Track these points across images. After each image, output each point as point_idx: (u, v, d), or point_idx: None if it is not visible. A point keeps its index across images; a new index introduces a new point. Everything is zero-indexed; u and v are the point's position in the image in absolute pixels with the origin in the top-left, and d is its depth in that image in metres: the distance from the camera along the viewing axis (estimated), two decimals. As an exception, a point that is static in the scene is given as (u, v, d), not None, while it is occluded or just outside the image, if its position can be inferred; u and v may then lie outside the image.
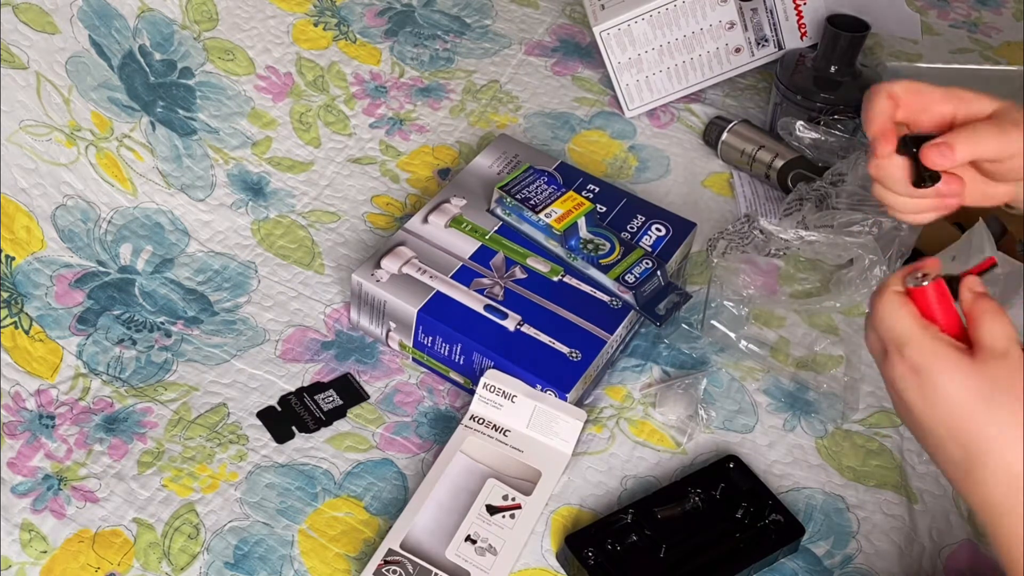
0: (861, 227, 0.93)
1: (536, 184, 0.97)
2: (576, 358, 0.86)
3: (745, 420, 0.90)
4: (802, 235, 0.93)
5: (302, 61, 1.17)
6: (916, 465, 0.87)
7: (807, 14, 1.14)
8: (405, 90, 1.20)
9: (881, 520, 0.83)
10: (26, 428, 0.84)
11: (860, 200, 0.97)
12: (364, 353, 0.93)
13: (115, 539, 0.78)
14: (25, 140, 0.94)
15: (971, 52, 1.34)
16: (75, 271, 0.93)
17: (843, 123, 1.09)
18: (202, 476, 0.82)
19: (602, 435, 0.87)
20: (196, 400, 0.88)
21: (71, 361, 0.88)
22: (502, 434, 0.85)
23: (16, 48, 0.96)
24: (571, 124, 1.18)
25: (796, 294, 0.94)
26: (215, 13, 1.13)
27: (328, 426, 0.87)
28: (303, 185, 1.08)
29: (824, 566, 0.80)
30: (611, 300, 0.91)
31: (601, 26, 1.14)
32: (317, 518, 0.80)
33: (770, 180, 1.11)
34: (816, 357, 0.92)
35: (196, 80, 1.09)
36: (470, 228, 0.96)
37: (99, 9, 1.04)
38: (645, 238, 0.96)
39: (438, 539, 0.78)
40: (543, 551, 0.79)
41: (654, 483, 0.84)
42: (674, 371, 0.93)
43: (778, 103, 1.14)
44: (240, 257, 1.00)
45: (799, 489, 0.85)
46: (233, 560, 0.77)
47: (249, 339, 0.94)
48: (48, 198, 0.94)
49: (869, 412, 0.91)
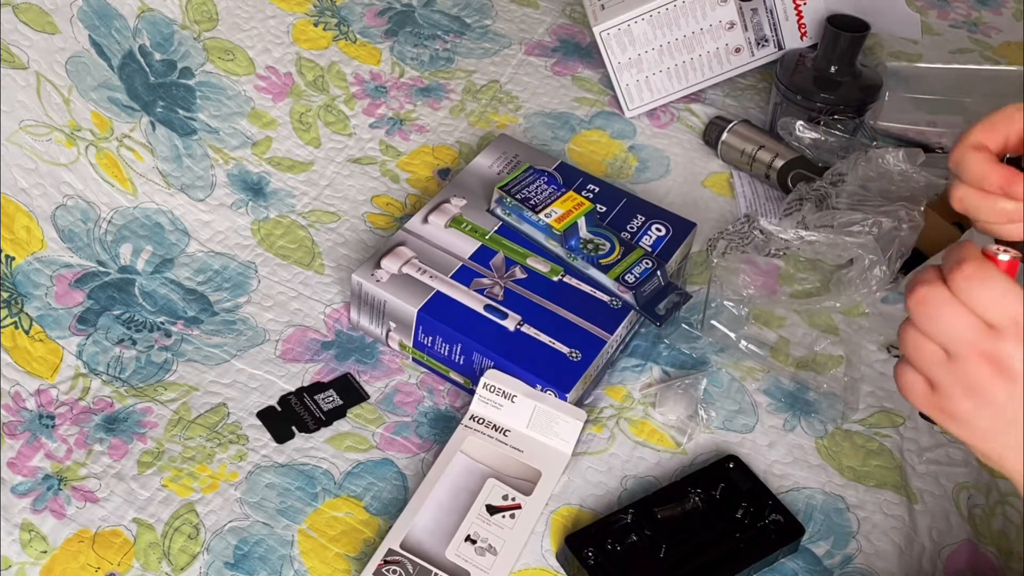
0: (861, 227, 0.93)
1: (536, 184, 0.97)
2: (576, 358, 0.86)
3: (745, 420, 0.90)
4: (802, 235, 0.93)
5: (302, 61, 1.17)
6: (916, 465, 0.87)
7: (807, 14, 1.14)
8: (405, 90, 1.20)
9: (881, 520, 0.83)
10: (26, 428, 0.84)
11: (860, 200, 0.97)
12: (364, 353, 0.93)
13: (115, 539, 0.78)
14: (25, 140, 0.94)
15: (971, 52, 1.34)
16: (75, 271, 0.93)
17: (843, 123, 1.09)
18: (202, 476, 0.82)
19: (602, 435, 0.87)
20: (196, 400, 0.88)
21: (71, 361, 0.88)
22: (502, 434, 0.85)
23: (16, 48, 0.96)
24: (571, 124, 1.18)
25: (796, 294, 0.94)
26: (215, 13, 1.13)
27: (328, 426, 0.87)
28: (303, 185, 1.08)
29: (824, 566, 0.80)
30: (611, 300, 0.91)
31: (601, 26, 1.14)
32: (317, 518, 0.80)
33: (770, 180, 1.11)
34: (816, 357, 0.92)
35: (196, 80, 1.09)
36: (470, 228, 0.96)
37: (99, 9, 1.04)
38: (645, 238, 0.96)
39: (438, 539, 0.78)
40: (543, 551, 0.79)
41: (654, 483, 0.84)
42: (674, 371, 0.93)
43: (778, 103, 1.14)
44: (240, 257, 1.00)
45: (799, 489, 0.85)
46: (233, 560, 0.77)
47: (249, 339, 0.94)
48: (48, 198, 0.94)
49: (869, 412, 0.91)
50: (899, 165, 0.99)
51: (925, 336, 0.57)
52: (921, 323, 0.57)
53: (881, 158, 0.99)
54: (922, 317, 0.57)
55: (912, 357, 0.58)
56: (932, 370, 0.57)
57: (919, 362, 0.58)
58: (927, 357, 0.57)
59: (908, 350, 0.58)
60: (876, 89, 1.12)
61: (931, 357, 0.57)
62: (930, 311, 0.56)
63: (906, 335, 0.58)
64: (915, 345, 0.57)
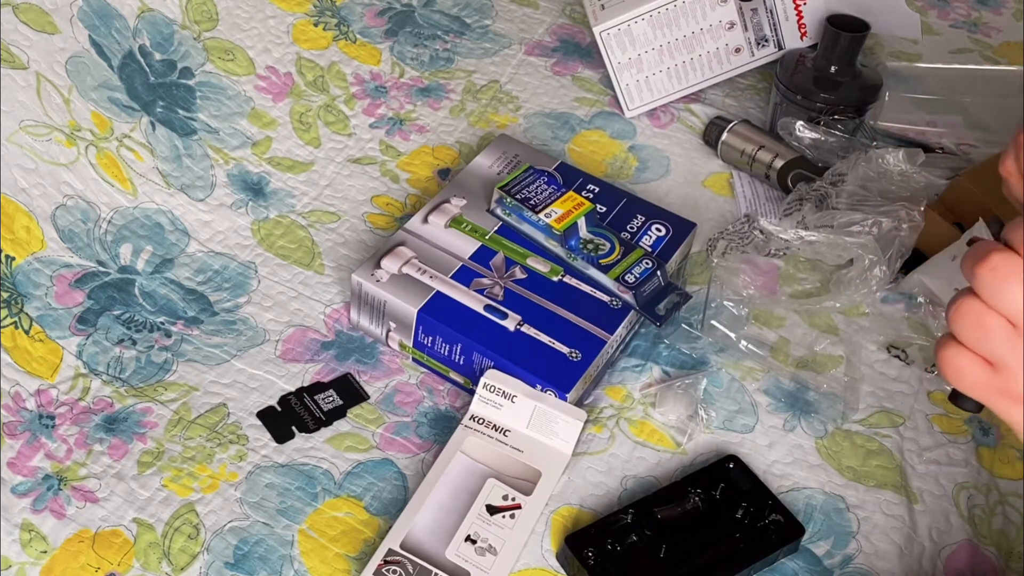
0: (861, 227, 0.93)
1: (536, 184, 0.97)
2: (576, 358, 0.86)
3: (745, 420, 0.90)
4: (802, 235, 0.93)
5: (302, 61, 1.17)
6: (916, 465, 0.87)
7: (807, 14, 1.14)
8: (405, 90, 1.20)
9: (881, 520, 0.83)
10: (26, 428, 0.84)
11: (860, 200, 0.97)
12: (364, 353, 0.93)
13: (115, 539, 0.78)
14: (25, 140, 0.94)
15: (971, 52, 1.34)
16: (75, 271, 0.93)
17: (843, 123, 1.09)
18: (202, 476, 0.82)
19: (602, 435, 0.87)
20: (196, 400, 0.88)
21: (71, 361, 0.88)
22: (502, 434, 0.85)
23: (16, 48, 0.96)
24: (571, 124, 1.18)
25: (796, 294, 0.94)
26: (215, 13, 1.13)
27: (328, 426, 0.87)
28: (303, 185, 1.08)
29: (824, 566, 0.80)
30: (611, 300, 0.91)
31: (601, 26, 1.14)
32: (317, 518, 0.80)
33: (770, 180, 1.11)
34: (816, 357, 0.92)
35: (196, 80, 1.09)
36: (470, 228, 0.96)
37: (99, 9, 1.04)
38: (645, 238, 0.96)
39: (438, 539, 0.78)
40: (543, 551, 0.79)
41: (654, 483, 0.84)
42: (674, 371, 0.93)
43: (778, 103, 1.14)
44: (240, 257, 1.00)
45: (799, 489, 0.85)
46: (233, 560, 0.77)
47: (249, 339, 0.94)
48: (48, 198, 0.94)
49: (869, 412, 0.91)
50: (899, 165, 0.99)
51: (990, 309, 0.52)
52: (989, 293, 0.52)
53: (881, 158, 0.99)
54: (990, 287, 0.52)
55: (971, 335, 0.53)
56: (997, 347, 0.52)
57: (980, 339, 0.53)
58: (992, 331, 0.52)
59: (967, 326, 0.53)
60: (876, 89, 1.12)
61: (998, 331, 0.52)
62: (1000, 281, 0.51)
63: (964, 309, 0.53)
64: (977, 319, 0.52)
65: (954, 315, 0.54)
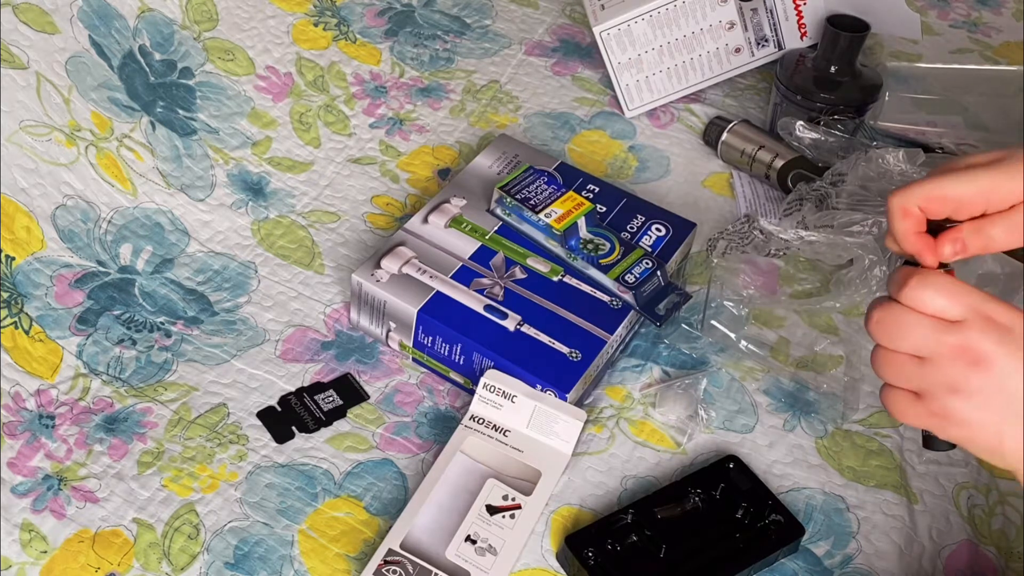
0: (861, 227, 0.93)
1: (536, 184, 0.97)
2: (576, 358, 0.86)
3: (745, 420, 0.90)
4: (802, 235, 0.93)
5: (302, 61, 1.17)
6: (916, 465, 0.87)
7: (807, 14, 1.14)
8: (405, 90, 1.20)
9: (881, 520, 0.83)
10: (26, 428, 0.84)
11: (860, 200, 0.97)
12: (364, 353, 0.93)
13: (115, 539, 0.78)
14: (25, 140, 0.94)
15: (971, 52, 1.34)
16: (75, 271, 0.93)
17: (843, 123, 1.09)
18: (202, 476, 0.82)
19: (602, 435, 0.87)
20: (196, 400, 0.88)
21: (71, 361, 0.88)
22: (502, 434, 0.85)
23: (16, 48, 0.96)
24: (571, 124, 1.18)
25: (796, 294, 0.94)
26: (215, 13, 1.13)
27: (328, 426, 0.87)
28: (303, 185, 1.08)
29: (824, 566, 0.80)
30: (611, 300, 0.91)
31: (601, 26, 1.14)
32: (317, 518, 0.80)
33: (770, 180, 1.11)
34: (816, 357, 0.92)
35: (196, 80, 1.09)
36: (470, 228, 0.96)
37: (99, 9, 1.04)
38: (645, 238, 0.96)
39: (438, 539, 0.78)
40: (543, 551, 0.79)
41: (654, 483, 0.84)
42: (674, 371, 0.93)
43: (778, 103, 1.14)
44: (240, 257, 1.00)
45: (799, 489, 0.85)
46: (233, 560, 0.77)
47: (249, 339, 0.94)
48: (48, 198, 0.94)
49: (869, 412, 0.91)
50: (899, 165, 0.99)
51: (894, 352, 0.59)
52: (887, 341, 0.59)
53: (881, 158, 0.99)
54: (885, 335, 0.59)
55: (889, 375, 0.60)
56: (911, 379, 0.59)
57: (897, 377, 0.59)
58: (902, 369, 0.59)
59: (884, 370, 0.60)
60: (876, 89, 1.12)
61: (906, 367, 0.59)
62: (890, 327, 0.59)
63: (877, 358, 0.60)
64: (888, 363, 0.59)
65: (873, 364, 0.61)
